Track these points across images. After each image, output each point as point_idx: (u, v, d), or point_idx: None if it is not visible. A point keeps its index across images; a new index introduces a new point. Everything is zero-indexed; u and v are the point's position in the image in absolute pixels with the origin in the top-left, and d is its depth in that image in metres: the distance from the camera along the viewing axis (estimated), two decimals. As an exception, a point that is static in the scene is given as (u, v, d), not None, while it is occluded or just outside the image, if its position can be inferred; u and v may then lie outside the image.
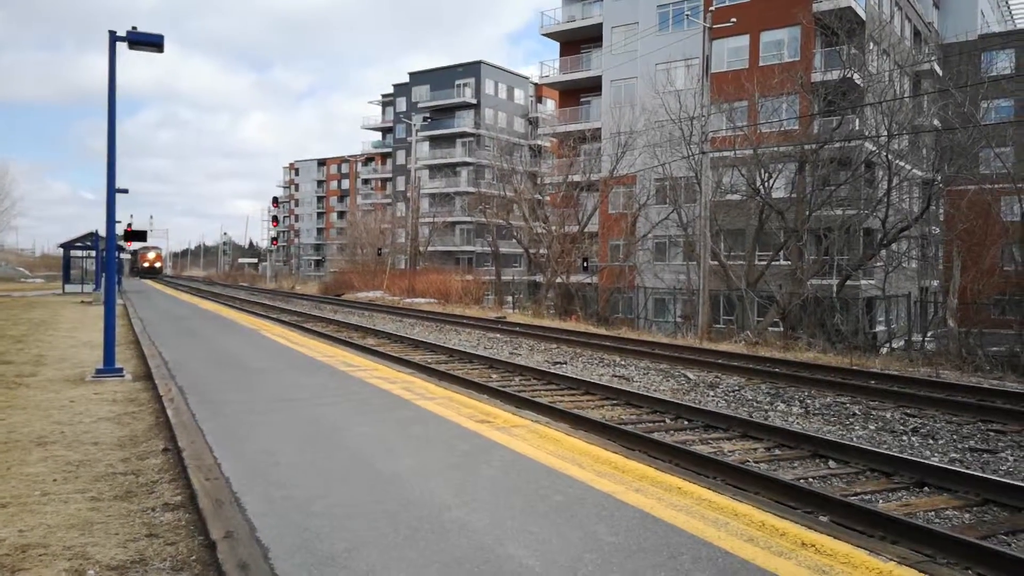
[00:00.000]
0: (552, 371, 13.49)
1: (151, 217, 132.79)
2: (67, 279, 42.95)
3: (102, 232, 27.23)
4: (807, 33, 35.40)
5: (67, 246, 43.00)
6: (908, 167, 30.72)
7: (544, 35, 49.00)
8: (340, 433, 6.99)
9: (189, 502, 5.25)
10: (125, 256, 78.84)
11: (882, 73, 33.63)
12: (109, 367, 11.04)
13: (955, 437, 9.14)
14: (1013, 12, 58.68)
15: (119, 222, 32.60)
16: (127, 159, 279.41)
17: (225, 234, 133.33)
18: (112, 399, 9.36)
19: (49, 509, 5.13)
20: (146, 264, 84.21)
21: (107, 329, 11.06)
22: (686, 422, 9.69)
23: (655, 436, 8.49)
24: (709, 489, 5.39)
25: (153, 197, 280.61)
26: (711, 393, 12.15)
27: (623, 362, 15.84)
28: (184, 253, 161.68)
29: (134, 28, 10.57)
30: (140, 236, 18.86)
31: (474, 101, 75.29)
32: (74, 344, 15.65)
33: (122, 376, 10.97)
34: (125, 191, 34.05)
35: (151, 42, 10.62)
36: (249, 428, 7.16)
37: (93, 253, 40.58)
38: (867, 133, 29.67)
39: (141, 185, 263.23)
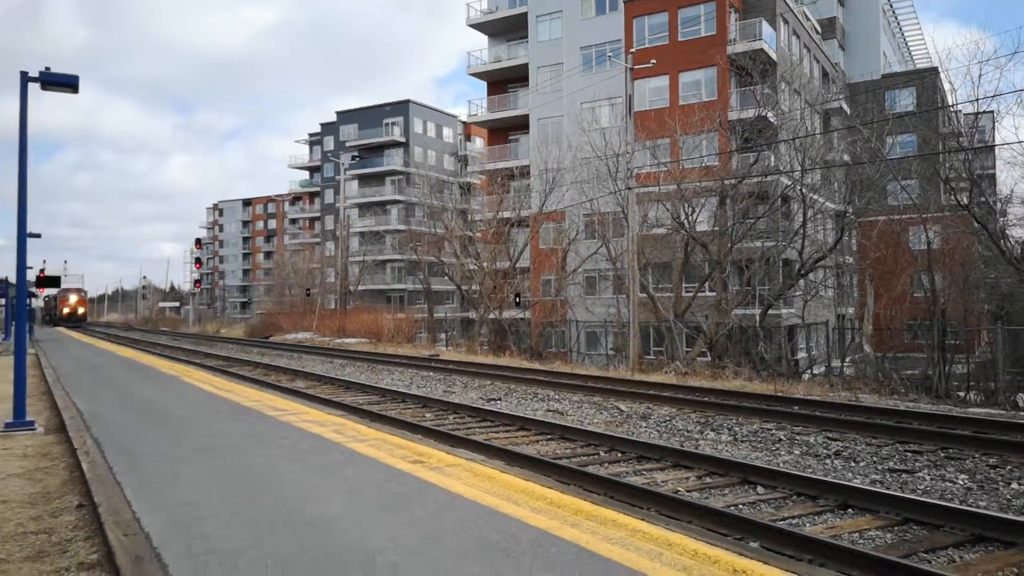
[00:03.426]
0: (486, 408, 13.43)
1: (65, 262, 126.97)
2: (-27, 328, 40.69)
3: (13, 279, 26.03)
4: (723, 74, 36.89)
5: (-27, 294, 40.80)
6: (822, 200, 32.11)
7: (471, 75, 49.66)
8: (267, 480, 6.78)
9: (106, 560, 4.99)
10: (38, 303, 74.37)
11: (794, 111, 35.24)
12: (19, 420, 10.48)
13: (875, 459, 9.47)
14: (913, 53, 62.64)
15: (31, 268, 31.14)
16: (42, 203, 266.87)
17: (144, 277, 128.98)
18: (23, 454, 8.86)
19: (-50, 576, 4.79)
20: (67, 310, 72.54)
21: (16, 380, 10.51)
22: (620, 454, 9.76)
23: (589, 470, 8.52)
24: (643, 520, 5.43)
25: (69, 242, 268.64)
26: (643, 424, 12.29)
27: (557, 396, 15.90)
28: (101, 299, 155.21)
29: (47, 68, 10.26)
30: (53, 282, 17.99)
31: (403, 139, 75.44)
32: (-20, 397, 14.77)
33: (33, 429, 10.41)
34: (37, 236, 32.42)
35: (65, 83, 10.31)
36: (170, 480, 6.88)
37: (2, 301, 38.60)
38: (782, 168, 30.93)
39: (57, 230, 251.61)
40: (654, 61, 31.95)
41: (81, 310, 74.81)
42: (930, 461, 9.31)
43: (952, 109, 29.29)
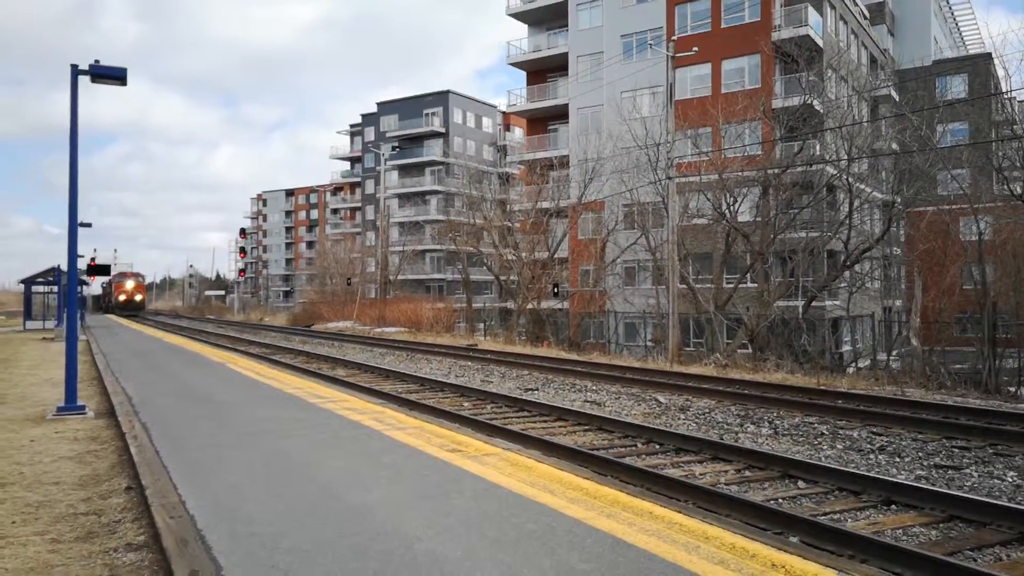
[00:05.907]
0: (524, 398, 13.45)
1: (115, 251, 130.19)
2: (28, 315, 42.06)
3: (65, 267, 26.79)
4: (767, 61, 36.22)
5: (28, 281, 42.15)
6: (868, 190, 31.41)
7: (511, 64, 49.59)
8: (308, 466, 6.89)
9: (153, 541, 5.13)
10: (93, 291, 75.44)
11: (841, 99, 34.47)
12: (71, 404, 10.80)
13: (921, 454, 9.27)
14: (965, 38, 60.72)
15: (82, 256, 32.07)
16: (94, 193, 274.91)
17: (191, 266, 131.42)
18: (74, 437, 9.14)
19: (7, 553, 4.98)
20: (123, 296, 65.11)
21: (68, 366, 10.84)
22: (657, 446, 9.71)
23: (627, 461, 8.49)
24: (680, 513, 5.39)
25: (119, 231, 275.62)
26: (682, 416, 12.20)
27: (595, 387, 15.86)
28: (149, 287, 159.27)
29: (96, 62, 10.51)
30: (104, 270, 18.52)
31: (443, 130, 75.66)
32: (35, 382, 15.28)
33: (84, 413, 10.73)
34: (88, 225, 33.51)
35: (113, 75, 10.55)
36: (215, 464, 7.03)
37: (56, 288, 39.78)
38: (828, 157, 30.31)
39: (107, 219, 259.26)
40: (696, 49, 31.48)
41: (139, 297, 67.65)
42: (978, 457, 9.08)
43: (1006, 96, 28.35)
